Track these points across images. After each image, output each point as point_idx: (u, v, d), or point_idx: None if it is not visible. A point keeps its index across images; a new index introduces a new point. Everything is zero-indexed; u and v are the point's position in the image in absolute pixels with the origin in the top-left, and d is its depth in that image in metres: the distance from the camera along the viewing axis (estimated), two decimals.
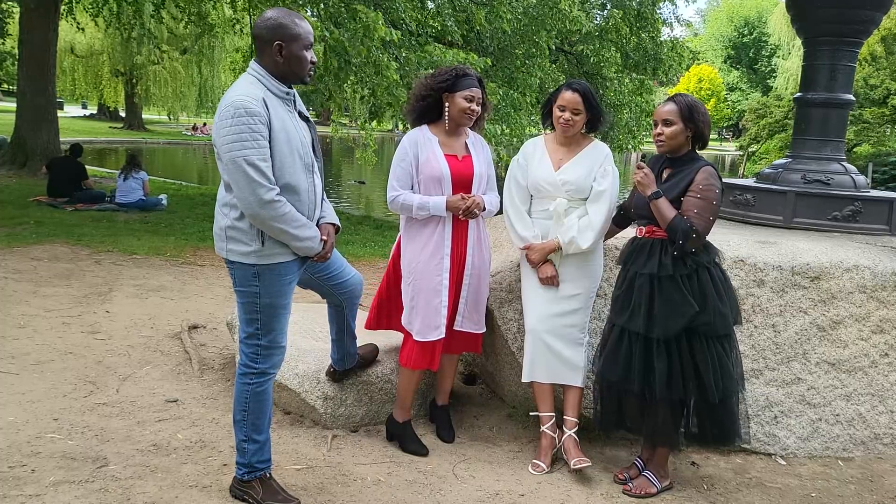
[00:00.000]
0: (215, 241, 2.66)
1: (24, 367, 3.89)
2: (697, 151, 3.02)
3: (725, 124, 56.11)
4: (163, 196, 10.86)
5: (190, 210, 10.52)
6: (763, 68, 55.47)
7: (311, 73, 2.63)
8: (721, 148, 49.92)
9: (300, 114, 2.67)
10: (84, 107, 43.65)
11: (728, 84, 56.45)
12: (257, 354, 2.66)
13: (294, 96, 2.64)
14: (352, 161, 24.17)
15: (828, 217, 4.38)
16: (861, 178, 4.62)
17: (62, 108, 41.67)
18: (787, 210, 4.44)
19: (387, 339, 3.61)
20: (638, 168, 2.95)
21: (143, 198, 10.27)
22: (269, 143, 2.46)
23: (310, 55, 2.58)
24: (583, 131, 3.29)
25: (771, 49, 52.85)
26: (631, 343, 2.96)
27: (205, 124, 37.19)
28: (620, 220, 3.32)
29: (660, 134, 2.94)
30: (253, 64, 2.56)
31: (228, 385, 3.87)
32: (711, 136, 3.13)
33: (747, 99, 45.60)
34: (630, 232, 3.21)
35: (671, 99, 2.97)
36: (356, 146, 13.29)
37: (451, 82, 3.20)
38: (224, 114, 2.42)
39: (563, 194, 3.22)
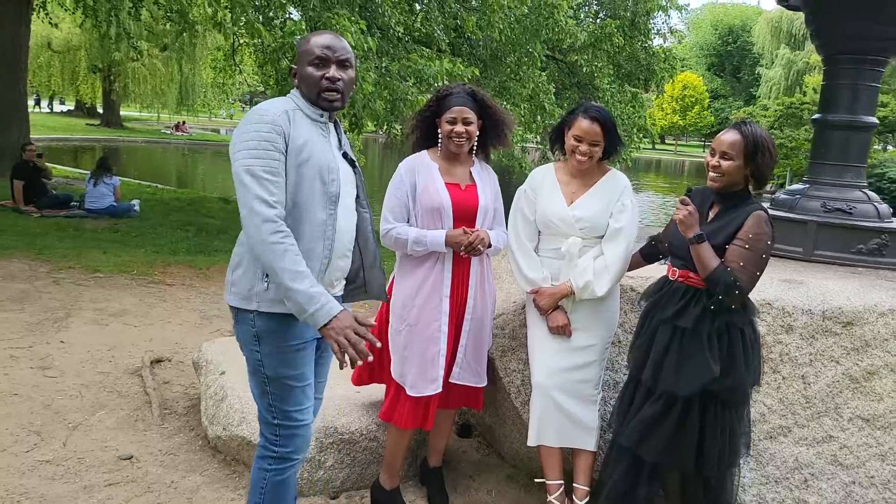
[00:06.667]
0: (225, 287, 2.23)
1: None
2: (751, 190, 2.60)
3: (709, 132, 56.30)
4: (135, 202, 10.36)
5: (164, 217, 10.02)
6: (747, 77, 55.76)
7: (329, 92, 2.17)
8: (702, 155, 50.11)
9: (344, 155, 2.29)
10: (61, 102, 42.76)
11: (712, 91, 56.64)
12: (276, 436, 2.19)
13: (331, 127, 2.26)
14: None
15: (851, 250, 4.06)
16: (884, 207, 4.31)
17: (39, 105, 40.77)
18: (808, 241, 4.11)
19: (371, 389, 3.20)
20: (682, 204, 2.52)
21: (115, 204, 9.78)
22: (286, 157, 2.07)
23: (320, 72, 2.16)
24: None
25: (754, 58, 53.18)
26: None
27: (184, 122, 36.48)
28: (649, 252, 2.94)
29: (717, 167, 2.51)
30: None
31: (192, 435, 3.43)
32: (695, 144, 2.71)
33: (731, 107, 45.70)
34: (653, 269, 2.82)
35: (737, 128, 2.51)
36: None
37: (435, 108, 2.83)
38: (244, 121, 2.13)
39: (577, 232, 2.82)
